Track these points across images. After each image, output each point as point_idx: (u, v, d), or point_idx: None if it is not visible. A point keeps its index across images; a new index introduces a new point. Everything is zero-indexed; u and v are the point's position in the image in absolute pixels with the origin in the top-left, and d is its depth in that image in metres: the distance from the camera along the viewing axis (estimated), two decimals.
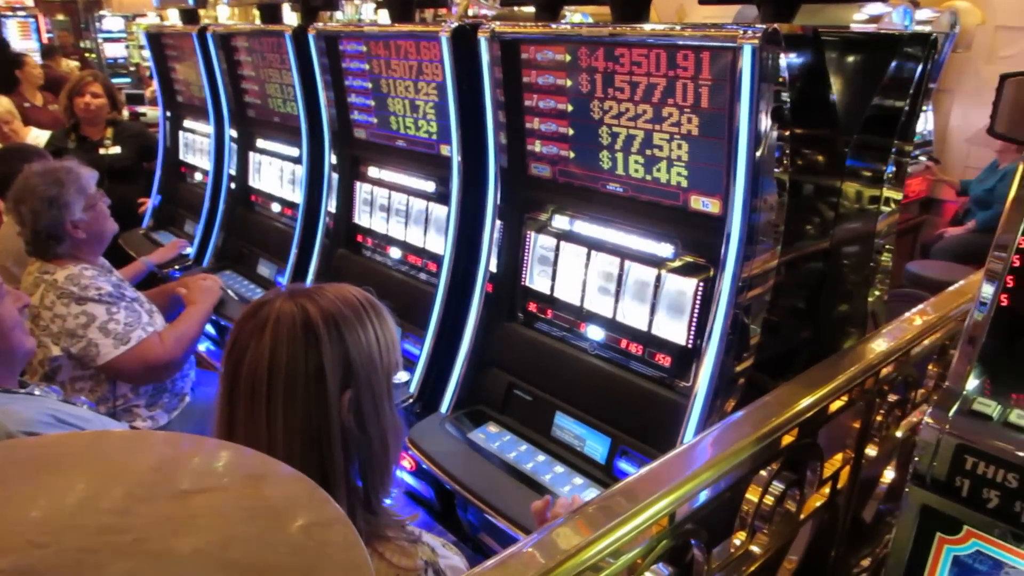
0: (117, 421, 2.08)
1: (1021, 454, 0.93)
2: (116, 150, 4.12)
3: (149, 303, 2.48)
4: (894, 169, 1.88)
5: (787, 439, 1.28)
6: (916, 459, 1.03)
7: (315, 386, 1.07)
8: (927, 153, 5.63)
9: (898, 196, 1.92)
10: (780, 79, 1.52)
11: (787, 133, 1.57)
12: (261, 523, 0.59)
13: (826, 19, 2.09)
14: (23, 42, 12.00)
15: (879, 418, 1.58)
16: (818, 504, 1.52)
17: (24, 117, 5.03)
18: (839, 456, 1.59)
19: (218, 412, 1.09)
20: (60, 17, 18.45)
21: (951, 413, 1.00)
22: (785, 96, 1.54)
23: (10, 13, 12.42)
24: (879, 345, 1.53)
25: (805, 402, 1.29)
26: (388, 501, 1.21)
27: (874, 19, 4.69)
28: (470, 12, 4.49)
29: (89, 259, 2.32)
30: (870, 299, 1.99)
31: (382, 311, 1.18)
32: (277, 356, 1.05)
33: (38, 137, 4.46)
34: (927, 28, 5.09)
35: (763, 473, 1.29)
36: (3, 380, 1.62)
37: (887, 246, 1.98)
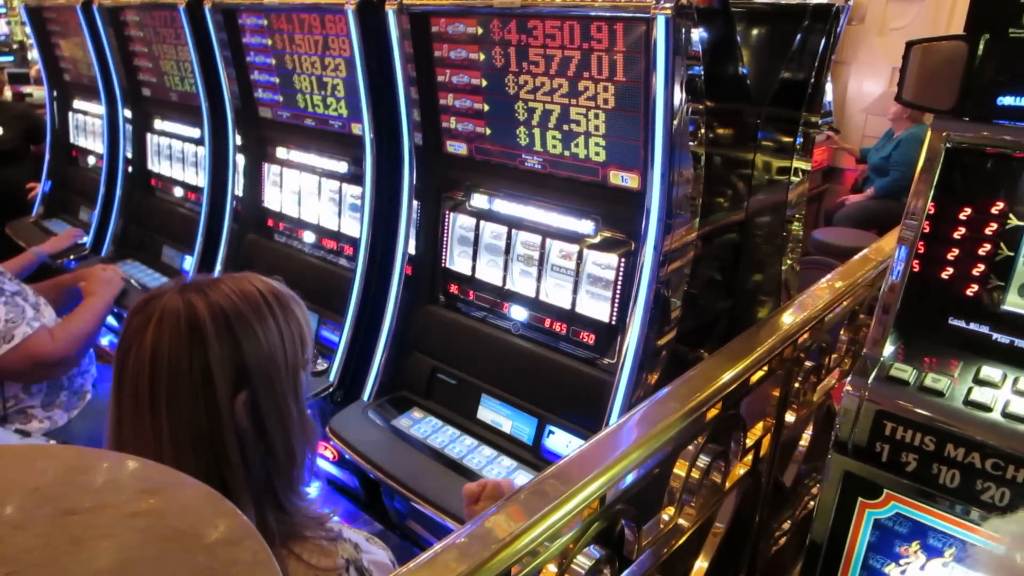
0: (2, 426, 1.93)
1: (936, 417, 0.95)
2: None
3: (35, 296, 2.30)
4: (802, 140, 1.92)
5: (711, 413, 1.28)
6: (837, 426, 1.05)
7: (202, 389, 0.99)
8: (828, 123, 5.84)
9: (807, 166, 1.97)
10: (693, 51, 1.52)
11: (701, 106, 1.57)
12: (159, 544, 0.53)
13: None
14: None
15: (797, 385, 1.62)
16: (742, 472, 1.55)
17: None
18: (759, 425, 1.62)
19: (110, 410, 1.01)
20: None
21: (870, 380, 1.02)
22: (698, 68, 1.54)
23: None
24: (795, 315, 1.56)
25: (728, 375, 1.30)
26: (311, 490, 1.15)
27: None
28: None
29: None
30: (783, 268, 2.03)
31: (288, 303, 1.10)
32: (159, 355, 0.97)
33: None
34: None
35: (690, 448, 1.29)
36: None
37: (797, 215, 2.02)
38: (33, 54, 12.35)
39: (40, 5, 3.76)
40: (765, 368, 1.43)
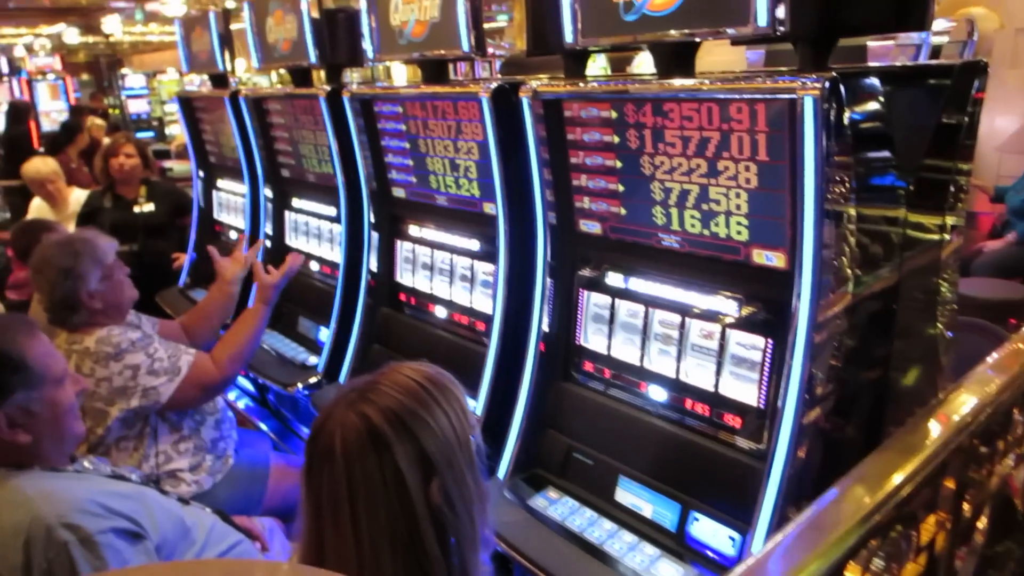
0: (162, 492, 2.04)
1: None
2: (150, 208, 4.19)
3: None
4: (953, 191, 1.81)
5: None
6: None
7: (396, 490, 1.05)
8: None
9: (960, 222, 1.85)
10: (839, 123, 1.47)
11: (851, 176, 1.52)
12: None
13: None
14: (52, 103, 12.37)
15: (973, 475, 1.50)
16: (916, 574, 1.43)
17: (69, 178, 5.15)
18: (931, 519, 1.50)
19: (305, 534, 1.06)
20: (84, 77, 19.01)
21: None
22: (847, 140, 1.49)
23: (41, 77, 12.86)
24: (968, 399, 1.45)
25: (902, 474, 1.22)
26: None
27: (888, 35, 4.64)
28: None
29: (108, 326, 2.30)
30: (935, 332, 1.91)
31: (445, 385, 1.15)
32: (353, 475, 1.03)
33: (79, 197, 4.56)
34: (944, 39, 5.03)
35: (863, 552, 1.21)
36: (53, 461, 1.60)
37: (949, 276, 1.90)
38: (171, 130, 13.51)
39: (190, 96, 4.12)
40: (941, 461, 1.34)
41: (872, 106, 1.65)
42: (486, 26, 2.23)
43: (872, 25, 1.64)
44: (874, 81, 1.68)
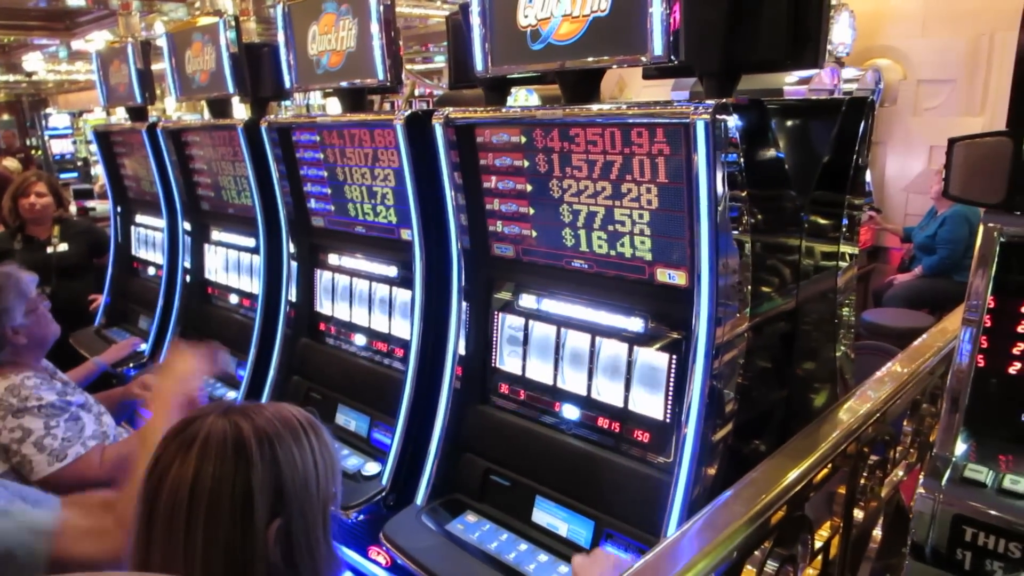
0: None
1: (1019, 521, 0.91)
2: (64, 248, 4.05)
3: (98, 405, 2.37)
4: (847, 223, 1.92)
5: (777, 515, 1.24)
6: (913, 530, 1.01)
7: (241, 512, 1.00)
8: (869, 204, 5.83)
9: (854, 251, 1.96)
10: (733, 148, 1.55)
11: (744, 195, 1.59)
12: None
13: (760, 83, 2.17)
14: None
15: (863, 481, 1.57)
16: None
17: None
18: (827, 524, 1.56)
19: (135, 534, 1.02)
20: (4, 117, 18.39)
21: (943, 481, 0.98)
22: (739, 163, 1.57)
23: None
24: (856, 408, 1.52)
25: (793, 475, 1.27)
26: None
27: (804, 81, 4.93)
28: (416, 92, 4.57)
29: (31, 364, 2.22)
30: (837, 354, 2.00)
31: (323, 434, 1.13)
32: (202, 476, 0.99)
33: None
34: (853, 86, 5.37)
35: (756, 554, 1.25)
36: None
37: (847, 300, 2.00)
38: (96, 170, 13.16)
39: (108, 129, 4.03)
40: (830, 466, 1.39)
41: (767, 135, 1.74)
42: (424, 67, 2.28)
43: (769, 61, 1.73)
44: (770, 111, 1.77)
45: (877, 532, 1.74)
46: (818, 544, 1.50)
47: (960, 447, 1.03)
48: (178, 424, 1.07)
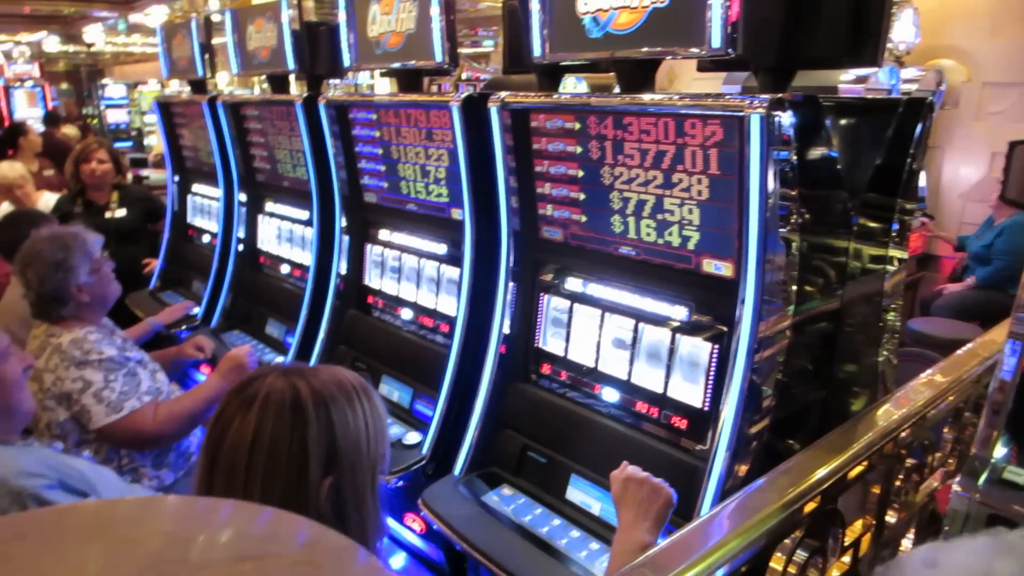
0: (118, 473, 2.05)
1: None
2: (121, 213, 4.19)
3: (154, 363, 2.48)
4: (898, 227, 1.91)
5: (809, 506, 1.27)
6: (946, 528, 1.03)
7: (296, 467, 1.06)
8: (922, 209, 5.69)
9: (903, 255, 1.95)
10: (785, 145, 1.56)
11: (794, 193, 1.60)
12: None
13: (815, 80, 2.15)
14: (30, 110, 12.28)
15: (898, 483, 1.57)
16: (840, 573, 1.50)
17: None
18: (859, 523, 1.57)
19: (196, 485, 1.09)
20: (64, 86, 18.91)
21: (980, 481, 1.00)
22: (791, 160, 1.58)
23: (18, 84, 12.78)
24: (895, 409, 1.53)
25: (826, 469, 1.29)
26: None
27: (861, 79, 4.82)
28: (463, 76, 4.60)
29: (93, 321, 2.33)
30: (879, 359, 1.99)
31: (374, 398, 1.18)
32: (262, 433, 1.05)
33: (48, 202, 4.53)
34: (913, 87, 5.23)
35: (787, 542, 1.27)
36: (2, 435, 1.61)
37: (893, 305, 1.99)
38: (149, 140, 13.46)
39: (169, 100, 4.16)
40: (865, 463, 1.41)
41: (821, 133, 1.74)
42: (472, 51, 2.32)
43: (827, 58, 1.73)
44: (824, 108, 1.77)
45: (908, 538, 1.74)
46: (849, 540, 1.52)
47: (1000, 450, 1.05)
48: (241, 382, 1.14)
